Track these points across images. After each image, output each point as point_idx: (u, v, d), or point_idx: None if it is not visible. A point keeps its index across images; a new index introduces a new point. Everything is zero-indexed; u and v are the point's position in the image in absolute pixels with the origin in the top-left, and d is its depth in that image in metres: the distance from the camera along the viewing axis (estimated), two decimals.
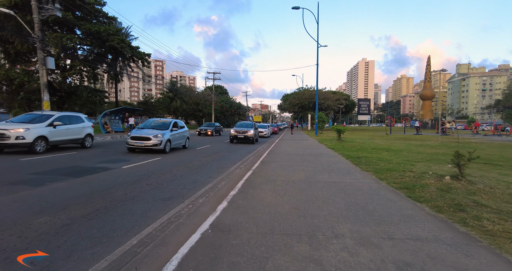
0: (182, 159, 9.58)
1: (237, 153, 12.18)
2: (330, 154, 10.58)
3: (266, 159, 9.36)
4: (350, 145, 13.83)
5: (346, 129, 18.33)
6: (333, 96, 48.26)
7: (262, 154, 11.14)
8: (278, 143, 16.64)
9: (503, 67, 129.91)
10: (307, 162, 8.57)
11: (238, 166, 8.56)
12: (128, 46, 31.90)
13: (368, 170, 6.84)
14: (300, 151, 11.82)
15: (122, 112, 23.29)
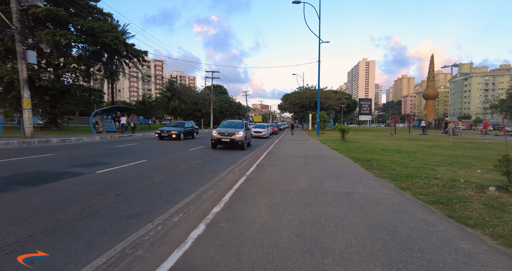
0: (170, 162, 8.52)
1: (221, 161, 11.12)
2: (335, 156, 9.51)
3: (263, 162, 8.30)
4: (356, 146, 12.75)
5: (351, 129, 17.23)
6: (335, 95, 47.14)
7: (259, 156, 10.07)
8: (278, 144, 15.58)
9: (504, 67, 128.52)
10: (310, 165, 7.50)
11: (232, 170, 7.50)
12: (122, 43, 30.86)
13: (384, 176, 5.77)
14: (302, 153, 10.75)
15: (114, 111, 22.25)
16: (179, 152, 11.29)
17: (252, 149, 13.49)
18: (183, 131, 18.32)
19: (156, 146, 13.63)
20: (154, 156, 9.81)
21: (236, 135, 12.37)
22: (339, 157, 9.24)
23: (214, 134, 12.58)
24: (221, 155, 10.83)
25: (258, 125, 25.91)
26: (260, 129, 23.78)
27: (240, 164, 8.70)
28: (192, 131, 20.47)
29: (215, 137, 12.51)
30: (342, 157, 9.36)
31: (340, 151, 11.15)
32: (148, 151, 11.42)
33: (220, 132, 12.65)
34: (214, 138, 12.53)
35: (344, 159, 8.72)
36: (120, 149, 11.59)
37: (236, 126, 13.62)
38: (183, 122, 19.69)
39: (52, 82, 26.96)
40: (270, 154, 10.29)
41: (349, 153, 10.27)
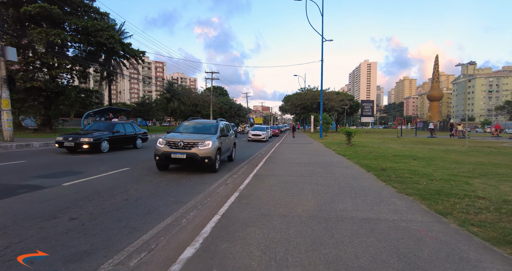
0: (150, 171, 7.44)
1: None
2: (344, 164, 8.40)
3: (261, 171, 7.20)
4: (364, 151, 11.64)
5: (358, 131, 16.09)
6: (337, 96, 46.02)
7: (258, 163, 8.98)
8: (279, 148, 14.48)
9: (507, 69, 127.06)
10: (316, 176, 6.40)
11: (225, 181, 6.42)
12: (118, 42, 29.95)
13: (409, 192, 4.66)
14: (305, 159, 9.65)
15: (107, 113, 21.25)
16: None
17: (250, 154, 12.40)
18: (108, 138, 11.17)
19: (145, 150, 12.57)
20: (138, 163, 8.74)
21: (200, 147, 7.04)
22: (348, 165, 8.13)
23: (161, 146, 7.14)
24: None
25: (257, 127, 23.46)
26: (259, 131, 21.57)
27: (236, 173, 7.61)
28: (131, 137, 12.95)
29: (163, 150, 7.03)
30: (351, 164, 8.25)
31: (348, 157, 10.04)
32: (133, 157, 10.36)
33: (170, 142, 7.14)
34: (161, 152, 7.03)
35: (354, 168, 7.62)
36: (105, 154, 10.54)
37: (203, 130, 8.30)
38: (112, 124, 12.38)
39: (46, 83, 26.04)
40: (270, 161, 9.20)
41: (359, 159, 9.16)
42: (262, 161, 9.12)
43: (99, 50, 32.74)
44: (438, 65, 52.86)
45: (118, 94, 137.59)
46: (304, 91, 49.28)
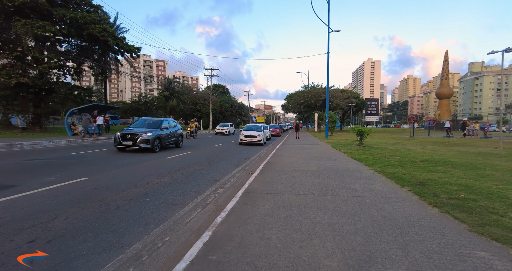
0: (118, 182, 5.62)
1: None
2: (364, 173, 6.53)
3: (255, 184, 5.35)
4: (382, 154, 9.73)
5: (372, 130, 13.98)
6: (342, 94, 44.00)
7: (254, 169, 7.14)
8: (280, 150, 12.62)
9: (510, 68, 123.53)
10: (331, 194, 4.53)
11: (202, 202, 4.56)
12: (111, 35, 28.20)
13: (497, 236, 2.78)
14: (313, 165, 7.79)
15: (93, 110, 19.49)
16: (145, 163, 8.39)
17: (247, 157, 10.54)
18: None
19: (122, 153, 10.77)
20: (104, 170, 6.92)
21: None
22: (370, 175, 6.25)
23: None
24: (205, 167, 7.89)
25: (251, 126, 18.64)
26: (253, 132, 16.71)
27: (223, 185, 5.78)
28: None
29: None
30: (374, 174, 6.36)
31: (365, 162, 8.16)
32: (104, 161, 8.54)
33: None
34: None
35: (379, 179, 5.74)
36: (70, 158, 8.74)
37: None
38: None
39: (33, 79, 24.43)
40: (269, 168, 7.34)
41: (381, 166, 7.27)
42: (259, 168, 7.27)
43: (92, 45, 31.12)
44: (448, 62, 50.50)
45: (119, 93, 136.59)
46: (307, 88, 47.27)
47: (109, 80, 37.78)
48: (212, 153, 11.55)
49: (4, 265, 2.30)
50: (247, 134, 16.57)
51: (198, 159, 9.60)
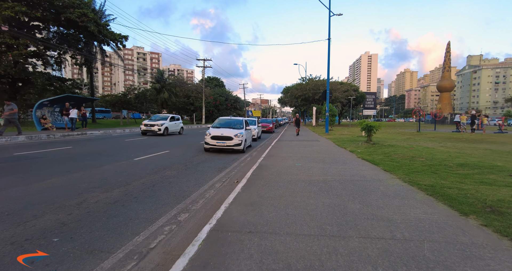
0: (58, 194, 3.75)
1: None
2: (389, 185, 4.73)
3: (234, 211, 3.49)
4: (399, 154, 7.95)
5: (382, 125, 12.09)
6: (341, 87, 42.14)
7: (239, 177, 5.31)
8: (276, 148, 10.79)
9: (509, 61, 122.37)
10: (357, 234, 2.72)
11: (131, 254, 2.70)
12: (92, 21, 25.83)
13: None
14: (317, 171, 5.99)
15: (65, 102, 17.27)
16: (106, 166, 6.51)
17: (236, 158, 8.69)
18: None
19: (87, 152, 8.85)
20: (34, 180, 5.05)
21: None
22: (400, 189, 4.45)
23: None
24: (178, 173, 6.02)
25: (225, 121, 11.66)
26: (228, 131, 10.00)
27: (190, 207, 3.94)
28: None
29: None
30: (403, 187, 4.58)
31: (383, 166, 6.37)
32: (49, 165, 6.63)
33: None
34: None
35: (417, 197, 3.95)
36: (5, 161, 6.82)
37: None
38: None
39: (5, 68, 22.20)
40: (259, 176, 5.50)
41: (406, 173, 5.49)
42: (247, 176, 5.44)
43: (75, 32, 28.75)
44: (450, 53, 48.73)
45: (113, 86, 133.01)
46: (305, 81, 45.27)
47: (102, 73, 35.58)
48: (195, 152, 9.69)
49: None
50: (217, 134, 9.62)
51: (174, 161, 7.74)
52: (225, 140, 9.54)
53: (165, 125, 16.17)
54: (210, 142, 9.63)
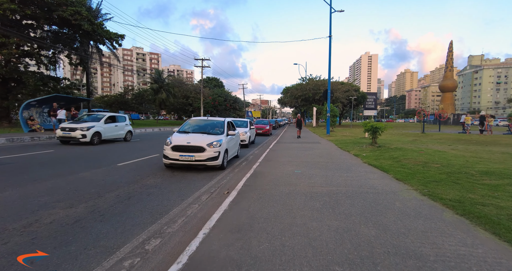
0: None
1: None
2: (406, 200, 3.97)
3: (215, 240, 2.73)
4: (410, 159, 7.19)
5: (388, 126, 11.23)
6: (342, 87, 41.36)
7: (231, 187, 4.54)
8: (274, 152, 10.03)
9: (509, 61, 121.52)
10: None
11: None
12: (86, 19, 25.11)
13: None
14: (319, 180, 5.23)
15: (53, 102, 16.45)
16: (83, 174, 5.75)
17: (228, 163, 7.93)
18: None
19: (69, 156, 8.09)
20: (2, 188, 4.29)
21: None
22: (421, 206, 3.69)
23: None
24: (162, 181, 5.25)
25: (201, 123, 7.92)
26: (200, 137, 6.75)
27: (162, 231, 3.18)
28: None
29: None
30: (423, 202, 3.81)
31: (393, 173, 5.61)
32: (18, 172, 5.87)
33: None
34: None
35: (445, 219, 3.19)
36: None
37: None
38: None
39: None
40: (252, 186, 4.73)
41: (423, 183, 4.74)
42: (238, 187, 4.68)
43: (68, 31, 28.08)
44: (452, 53, 47.98)
45: (112, 87, 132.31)
46: (305, 81, 44.51)
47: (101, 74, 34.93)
48: None
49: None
50: (181, 143, 6.48)
51: (162, 166, 6.99)
52: (194, 152, 6.23)
53: (94, 130, 11.14)
54: (171, 155, 6.27)
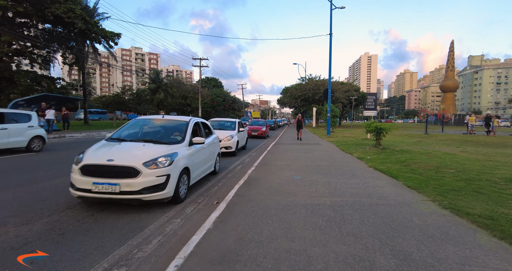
0: None
1: None
2: (423, 214, 3.34)
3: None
4: (420, 164, 6.57)
5: (392, 127, 10.47)
6: (342, 87, 40.76)
7: (221, 197, 3.91)
8: (271, 154, 9.40)
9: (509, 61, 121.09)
10: None
11: None
12: (80, 17, 24.50)
13: None
14: (321, 188, 4.61)
15: (42, 102, 15.79)
16: (57, 180, 5.07)
17: (221, 166, 7.30)
18: None
19: (48, 160, 7.44)
20: None
21: None
22: (445, 223, 3.07)
23: None
24: None
25: (145, 128, 5.20)
26: (139, 150, 4.07)
27: (128, 259, 2.53)
28: None
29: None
30: (448, 218, 3.19)
31: (403, 179, 5.00)
32: None
33: None
34: None
35: (480, 239, 2.57)
36: None
37: None
38: None
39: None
40: (245, 197, 4.09)
41: (439, 192, 4.12)
42: (227, 198, 4.05)
43: (64, 30, 27.54)
44: (454, 52, 47.44)
45: (111, 87, 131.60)
46: (304, 81, 43.93)
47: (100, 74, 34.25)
48: None
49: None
50: (98, 162, 3.73)
51: None
52: (118, 178, 3.60)
53: None
54: (79, 183, 3.67)
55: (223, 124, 10.84)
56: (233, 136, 9.45)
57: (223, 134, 9.20)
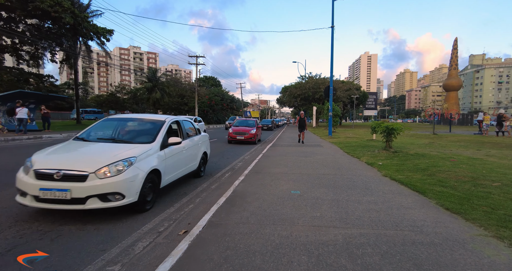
0: None
1: None
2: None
3: None
4: (451, 174, 5.33)
5: (405, 127, 8.93)
6: (343, 85, 39.58)
7: (192, 223, 2.68)
8: (267, 158, 8.16)
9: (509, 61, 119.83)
10: None
11: None
12: (68, 11, 23.19)
13: None
14: (327, 212, 3.37)
15: (17, 100, 14.53)
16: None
17: (198, 180, 6.07)
18: None
19: (13, 163, 6.23)
20: None
21: None
22: None
23: None
24: (99, 213, 3.40)
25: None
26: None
27: None
28: None
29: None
30: None
31: (433, 196, 3.77)
32: None
33: None
34: None
35: None
36: None
37: None
38: None
39: None
40: (222, 225, 2.86)
41: (502, 222, 2.91)
42: (192, 232, 2.83)
43: (53, 26, 26.27)
44: (457, 50, 46.20)
45: (109, 87, 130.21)
46: (304, 79, 42.68)
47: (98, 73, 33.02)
48: None
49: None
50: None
51: None
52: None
53: None
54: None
55: None
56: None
57: None
